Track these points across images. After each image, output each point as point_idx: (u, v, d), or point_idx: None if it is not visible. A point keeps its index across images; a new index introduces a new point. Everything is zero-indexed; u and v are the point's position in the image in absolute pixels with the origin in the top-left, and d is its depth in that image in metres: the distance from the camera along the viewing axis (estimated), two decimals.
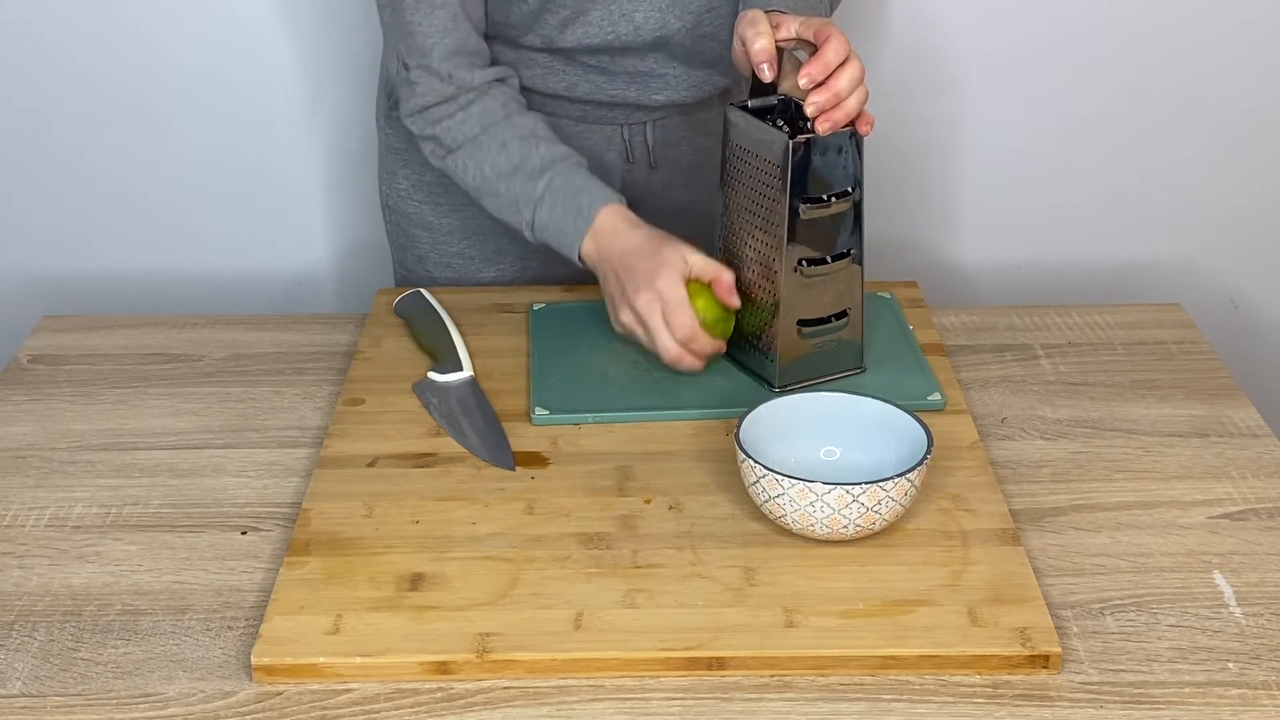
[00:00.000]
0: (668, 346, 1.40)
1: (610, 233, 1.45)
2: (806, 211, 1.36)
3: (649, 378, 1.45)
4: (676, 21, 1.55)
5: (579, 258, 1.48)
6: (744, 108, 1.40)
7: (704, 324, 1.40)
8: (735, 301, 1.41)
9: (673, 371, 1.45)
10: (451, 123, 1.52)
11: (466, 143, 1.52)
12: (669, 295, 1.39)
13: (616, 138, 1.65)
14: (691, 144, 1.69)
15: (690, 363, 1.41)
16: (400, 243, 1.76)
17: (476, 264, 1.72)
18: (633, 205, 1.50)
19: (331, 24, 2.00)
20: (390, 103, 1.70)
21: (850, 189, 1.38)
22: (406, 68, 1.53)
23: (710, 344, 1.41)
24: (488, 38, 1.57)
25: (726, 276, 1.40)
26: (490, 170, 1.51)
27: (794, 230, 1.37)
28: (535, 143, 1.50)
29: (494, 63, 1.56)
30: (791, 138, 1.34)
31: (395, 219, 1.76)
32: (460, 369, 1.46)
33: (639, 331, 1.42)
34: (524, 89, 1.59)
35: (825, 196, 1.37)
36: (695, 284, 1.41)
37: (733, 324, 1.44)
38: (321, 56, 2.02)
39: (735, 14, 1.57)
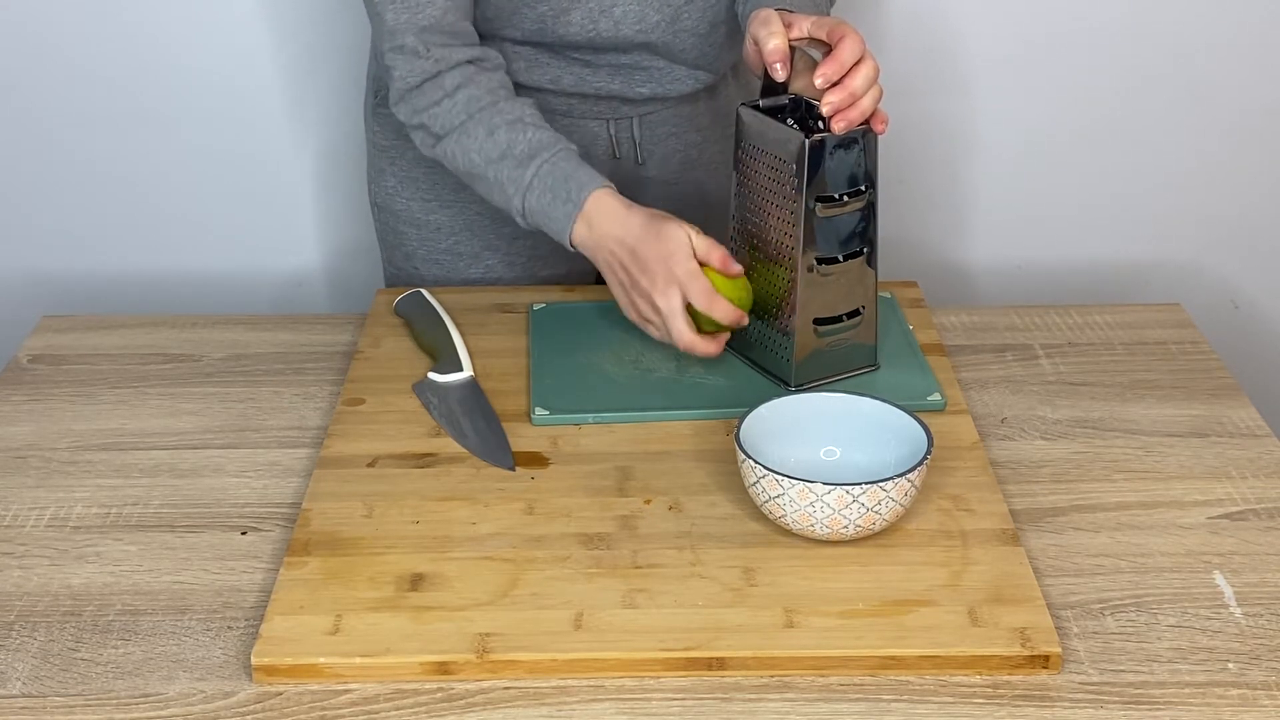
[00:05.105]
0: (682, 333, 1.40)
1: (602, 215, 1.44)
2: (822, 210, 1.36)
3: (649, 378, 1.45)
4: (655, 14, 1.55)
5: (570, 244, 1.47)
6: (755, 107, 1.40)
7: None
8: (736, 269, 1.41)
9: (672, 371, 1.45)
10: (438, 110, 1.51)
11: (454, 130, 1.51)
12: (684, 276, 1.39)
13: (603, 133, 1.65)
14: (680, 140, 1.69)
15: (705, 348, 1.40)
16: (389, 240, 1.76)
17: (464, 261, 1.72)
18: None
19: (322, 24, 2.00)
20: (377, 100, 1.70)
21: (864, 187, 1.38)
22: (384, 51, 1.52)
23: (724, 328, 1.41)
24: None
25: (717, 252, 1.40)
26: (478, 157, 1.50)
27: (809, 229, 1.37)
28: (522, 128, 1.49)
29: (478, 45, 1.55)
30: (807, 137, 1.34)
31: (384, 217, 1.75)
32: (460, 369, 1.46)
33: (656, 320, 1.42)
34: None
35: (840, 195, 1.37)
36: (707, 271, 1.40)
37: (749, 306, 1.43)
38: (313, 56, 2.02)
39: (715, 8, 1.58)
